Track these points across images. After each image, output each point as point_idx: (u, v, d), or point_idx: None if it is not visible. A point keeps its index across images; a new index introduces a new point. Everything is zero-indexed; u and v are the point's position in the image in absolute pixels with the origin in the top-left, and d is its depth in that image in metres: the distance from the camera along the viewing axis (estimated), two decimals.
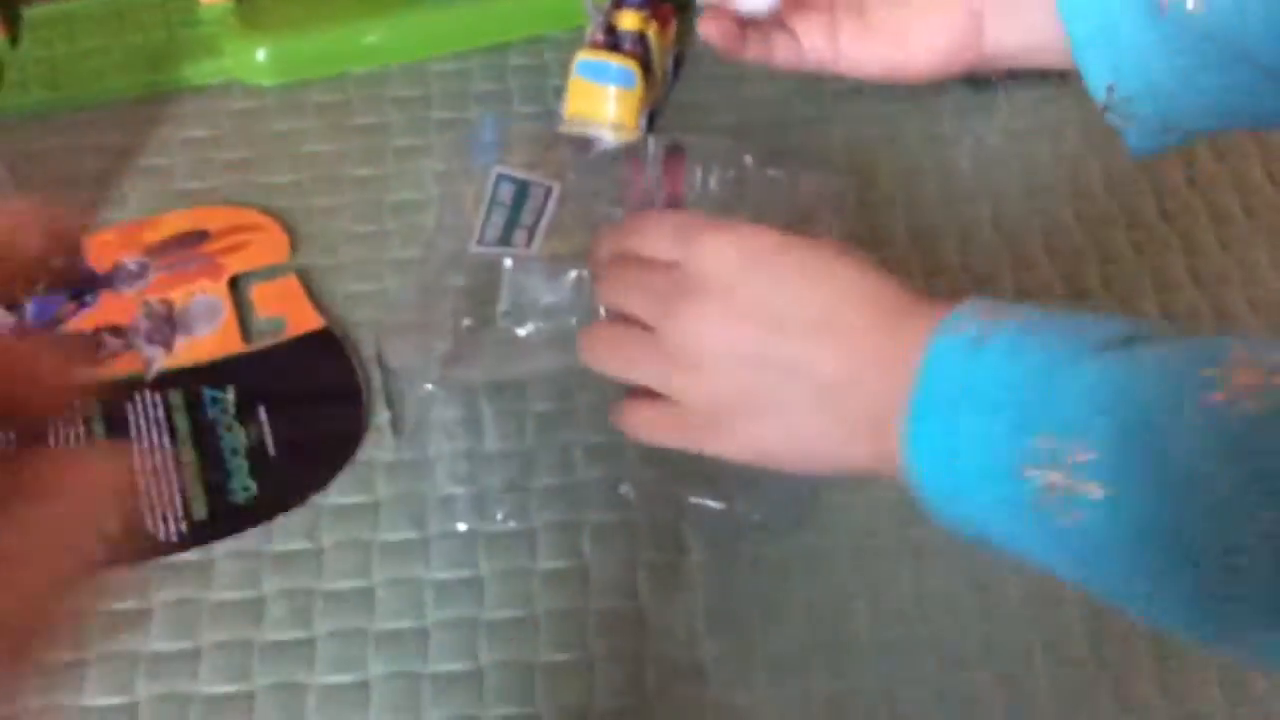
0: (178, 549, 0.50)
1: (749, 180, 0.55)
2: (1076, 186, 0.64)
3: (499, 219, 0.52)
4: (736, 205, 0.54)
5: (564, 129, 0.65)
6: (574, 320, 0.49)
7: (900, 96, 0.68)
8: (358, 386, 0.54)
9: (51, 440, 0.50)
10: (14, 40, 0.67)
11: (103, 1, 0.68)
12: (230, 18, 0.67)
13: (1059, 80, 0.67)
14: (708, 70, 0.69)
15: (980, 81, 0.67)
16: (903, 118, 0.67)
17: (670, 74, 0.68)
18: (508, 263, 0.51)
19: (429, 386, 0.50)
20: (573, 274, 0.50)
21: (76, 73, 0.66)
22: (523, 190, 0.54)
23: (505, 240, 0.52)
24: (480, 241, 0.52)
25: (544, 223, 0.52)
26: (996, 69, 0.66)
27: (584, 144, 0.60)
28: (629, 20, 0.64)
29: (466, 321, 0.50)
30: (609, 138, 0.64)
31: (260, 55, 0.67)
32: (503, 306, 0.50)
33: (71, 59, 0.66)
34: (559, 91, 0.66)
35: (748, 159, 0.55)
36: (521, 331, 0.50)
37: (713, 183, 0.54)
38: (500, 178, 0.54)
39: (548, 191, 0.54)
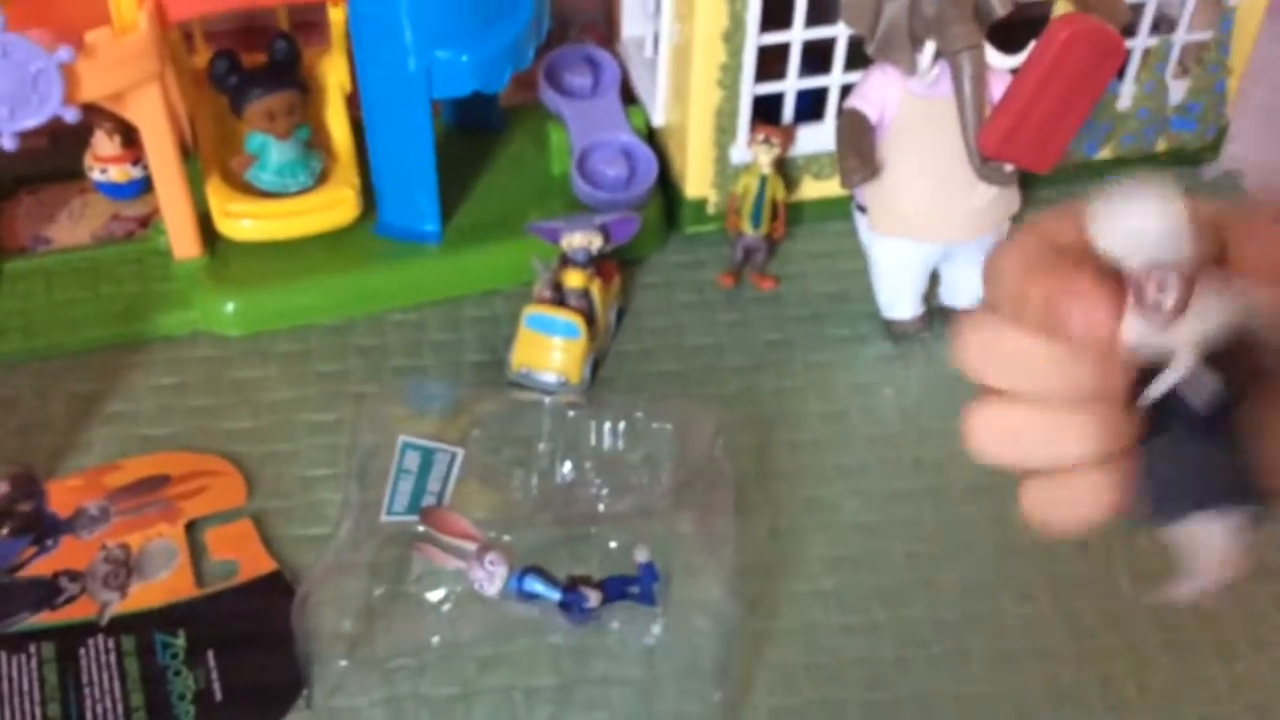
0: None
1: (640, 432, 0.59)
2: None
3: (406, 487, 0.56)
4: (629, 451, 0.58)
5: (511, 377, 0.69)
6: (482, 585, 0.52)
7: (826, 347, 0.73)
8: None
9: (5, 687, 0.52)
10: None
11: (80, 256, 0.73)
12: (201, 273, 0.72)
13: None
14: (649, 322, 0.74)
15: (899, 335, 0.73)
16: (828, 368, 0.72)
17: (613, 325, 0.73)
18: (419, 529, 0.54)
19: (342, 663, 0.52)
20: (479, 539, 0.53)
21: (52, 323, 0.70)
22: (428, 458, 0.58)
23: (413, 509, 0.56)
24: (389, 512, 0.55)
25: (450, 488, 0.56)
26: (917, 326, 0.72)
27: (491, 407, 0.64)
28: (574, 278, 0.69)
29: (378, 591, 0.53)
30: (553, 386, 0.68)
31: (228, 308, 0.71)
32: (413, 574, 0.53)
33: (48, 310, 0.70)
34: (509, 341, 0.70)
35: (638, 414, 0.60)
36: (433, 597, 0.52)
37: (607, 436, 0.59)
38: (406, 446, 0.58)
39: (452, 457, 0.58)
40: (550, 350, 0.68)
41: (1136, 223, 0.24)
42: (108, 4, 0.63)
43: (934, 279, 0.73)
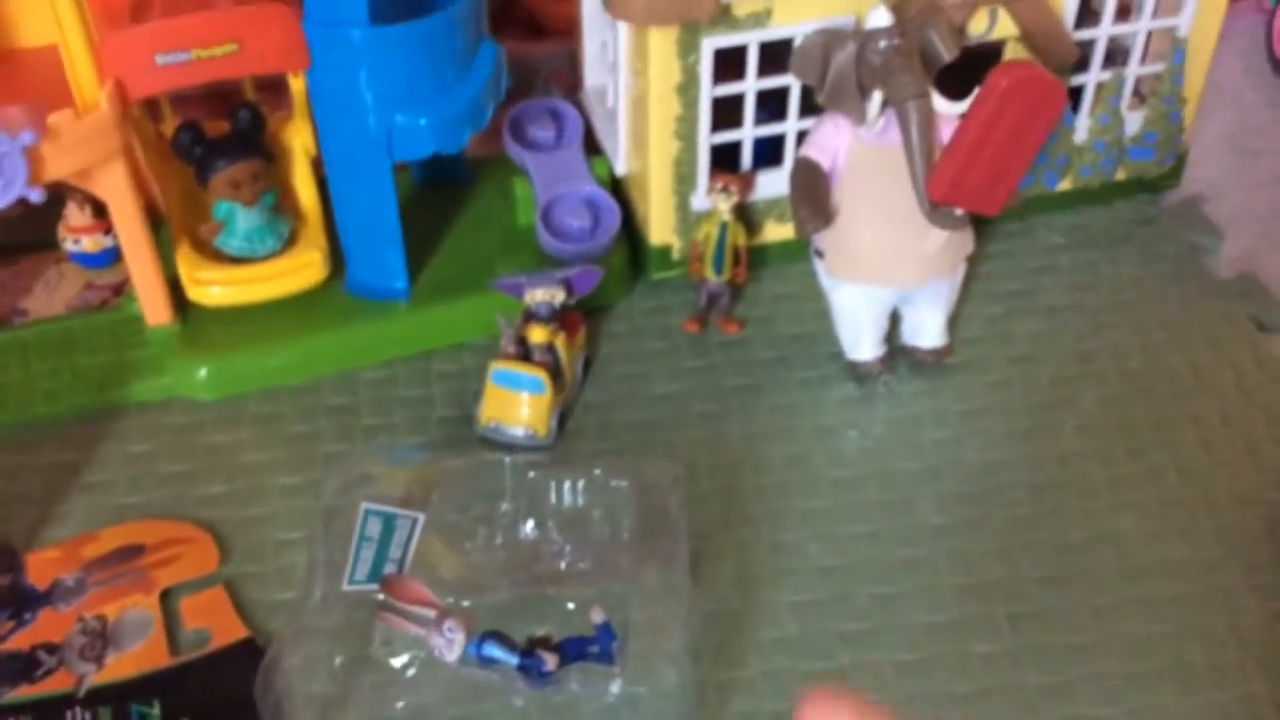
0: None
1: (599, 489, 0.60)
2: (953, 467, 0.70)
3: (368, 555, 0.58)
4: (590, 508, 0.60)
5: (480, 431, 0.70)
6: (441, 652, 0.53)
7: (791, 390, 0.74)
8: None
9: None
10: None
11: (56, 327, 0.74)
12: (173, 339, 0.73)
13: (935, 373, 0.74)
14: (615, 371, 0.75)
15: (862, 376, 0.74)
16: (793, 410, 0.73)
17: (580, 375, 0.74)
18: (380, 598, 0.55)
19: None
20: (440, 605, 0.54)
21: (29, 395, 0.71)
22: (389, 523, 0.59)
23: (375, 576, 0.57)
24: (351, 580, 0.57)
25: (410, 554, 0.57)
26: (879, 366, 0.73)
27: (456, 465, 0.65)
28: (538, 334, 0.70)
29: (340, 659, 0.54)
30: (522, 439, 0.69)
31: (201, 373, 0.72)
32: (377, 640, 0.55)
33: (25, 382, 0.72)
34: (478, 395, 0.71)
35: (597, 471, 0.61)
36: (397, 662, 0.54)
37: (568, 493, 0.60)
38: (368, 512, 0.59)
39: (413, 523, 0.59)
40: (517, 405, 0.70)
41: None
42: (69, 84, 0.64)
43: (896, 319, 0.74)
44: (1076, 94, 0.80)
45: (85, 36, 0.63)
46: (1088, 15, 0.77)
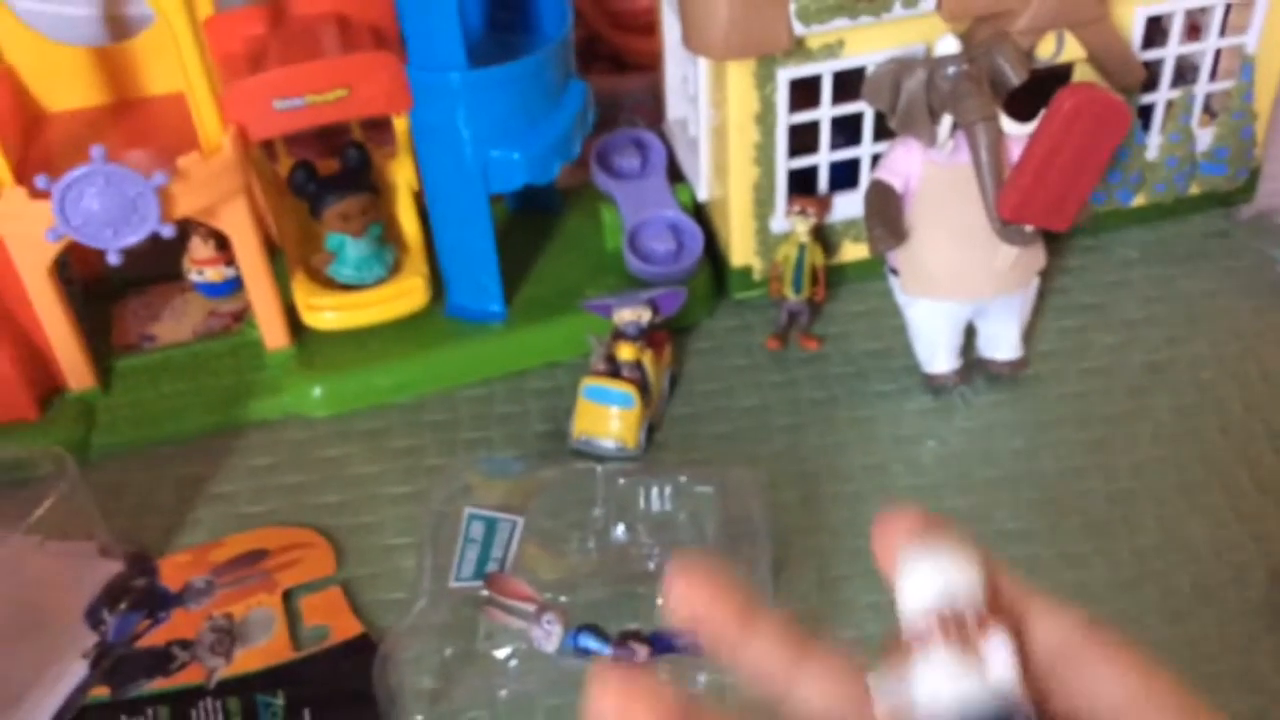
0: None
1: (685, 495, 0.64)
2: (1031, 475, 0.72)
3: (472, 555, 0.62)
4: (677, 512, 0.63)
5: (572, 444, 0.74)
6: (540, 643, 0.56)
7: (869, 403, 0.77)
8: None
9: None
10: (106, 388, 0.78)
11: (183, 351, 0.80)
12: (290, 361, 0.79)
13: (1010, 384, 0.76)
14: (700, 387, 0.79)
15: (938, 388, 0.77)
16: (871, 422, 0.76)
17: (667, 390, 0.78)
18: (484, 594, 0.60)
19: (421, 712, 0.58)
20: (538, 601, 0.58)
21: (159, 414, 0.77)
22: (491, 526, 0.64)
23: (479, 574, 0.61)
24: (457, 578, 0.61)
25: (512, 554, 0.62)
26: (953, 377, 0.75)
27: (551, 475, 0.69)
28: (626, 351, 0.74)
29: (448, 651, 0.59)
30: (612, 451, 0.73)
31: (316, 392, 0.78)
32: (482, 633, 0.59)
33: (155, 402, 0.78)
34: (570, 411, 0.76)
35: (682, 478, 0.65)
36: (500, 654, 0.58)
37: (655, 499, 0.64)
38: (471, 516, 0.64)
39: (513, 526, 0.63)
40: (608, 419, 0.74)
41: (942, 577, 0.25)
42: (195, 129, 0.70)
43: (972, 333, 0.77)
44: (1147, 112, 0.82)
45: (209, 85, 0.69)
46: (1157, 34, 0.79)
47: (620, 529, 0.65)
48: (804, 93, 0.76)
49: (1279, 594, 0.65)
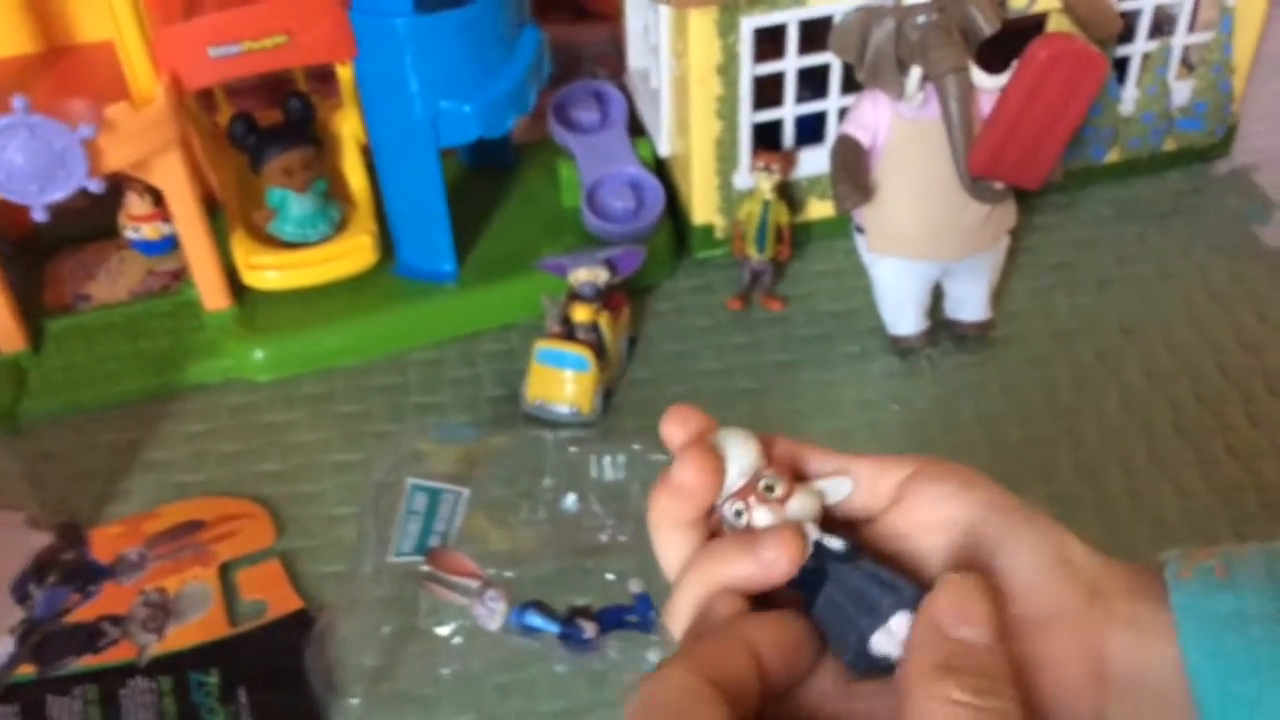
0: None
1: (637, 463, 0.62)
2: (995, 443, 0.70)
3: (414, 528, 0.59)
4: (630, 482, 0.61)
5: (526, 409, 0.72)
6: (483, 621, 0.54)
7: (833, 365, 0.75)
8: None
9: None
10: (37, 350, 0.75)
11: (118, 312, 0.77)
12: (231, 323, 0.75)
13: (978, 346, 0.74)
14: (659, 349, 0.76)
15: (904, 350, 0.74)
16: (836, 385, 0.74)
17: (625, 353, 0.75)
18: (424, 569, 0.57)
19: (354, 701, 0.55)
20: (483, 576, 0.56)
21: (93, 378, 0.74)
22: (434, 498, 0.61)
23: (421, 548, 0.59)
24: (397, 553, 0.58)
25: (456, 527, 0.59)
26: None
27: (501, 442, 0.66)
28: (581, 313, 0.72)
29: (388, 628, 0.56)
30: (567, 416, 0.71)
31: (257, 355, 0.75)
32: (423, 609, 0.56)
33: (89, 365, 0.74)
34: (523, 374, 0.73)
35: (636, 446, 0.62)
36: (442, 632, 0.55)
37: (608, 468, 0.61)
38: (414, 487, 0.61)
39: (458, 497, 0.61)
40: (562, 383, 0.71)
41: (734, 454, 0.34)
42: (125, 78, 0.66)
43: (939, 294, 0.74)
44: (1122, 64, 0.79)
45: (140, 31, 0.65)
46: None
47: (571, 499, 0.62)
48: (769, 43, 0.73)
49: None
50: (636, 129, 0.83)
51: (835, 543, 0.32)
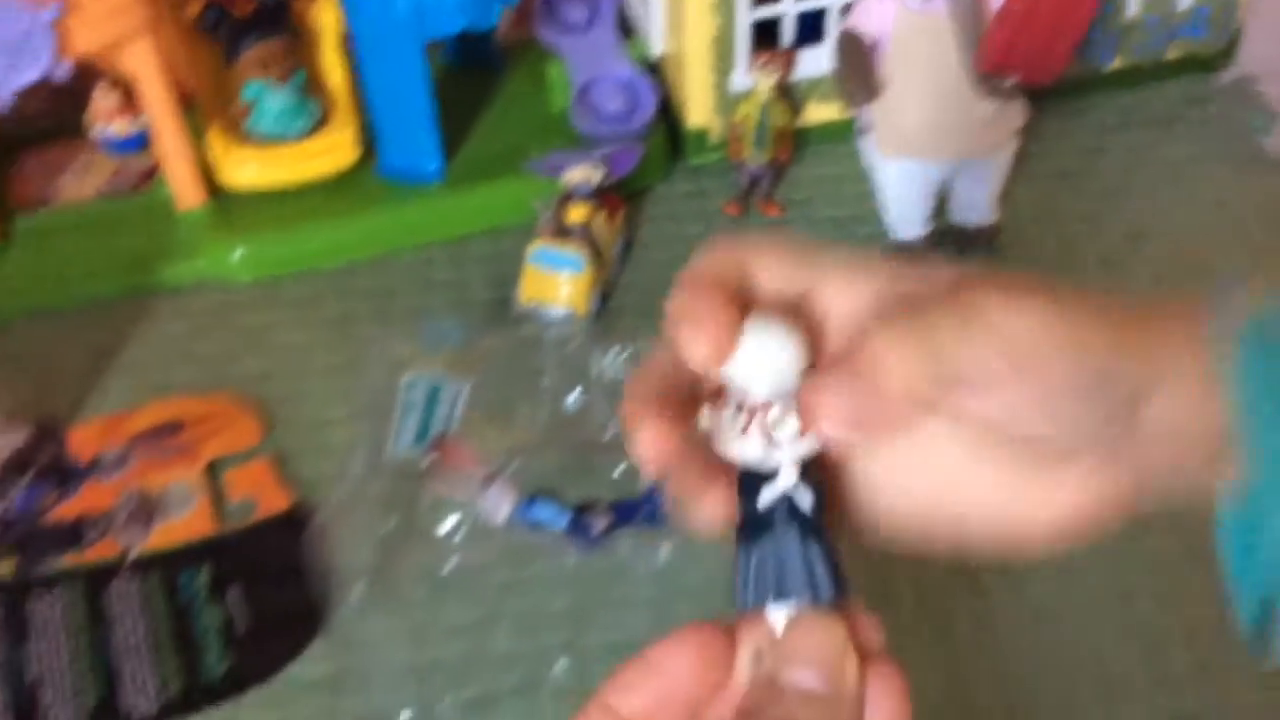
0: None
1: (643, 358, 0.59)
2: None
3: (412, 422, 0.57)
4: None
5: (519, 312, 0.69)
6: (489, 514, 0.52)
7: None
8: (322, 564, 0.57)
9: (35, 627, 0.53)
10: (5, 247, 0.71)
11: (88, 211, 0.73)
12: (206, 222, 0.72)
13: (982, 253, 0.72)
14: (653, 255, 0.74)
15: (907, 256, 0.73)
16: None
17: (619, 257, 0.73)
18: (423, 465, 0.55)
19: (359, 590, 0.53)
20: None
21: (64, 277, 0.70)
22: (433, 393, 0.58)
23: (420, 441, 0.56)
24: (397, 446, 0.56)
25: (455, 421, 0.57)
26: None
27: (496, 343, 0.64)
28: (576, 213, 0.69)
29: (391, 522, 0.54)
30: (561, 319, 0.68)
31: (236, 254, 0.71)
32: (424, 505, 0.54)
33: (59, 264, 0.71)
34: (515, 278, 0.70)
35: (637, 342, 0.60)
36: (443, 527, 0.53)
37: (610, 364, 0.59)
38: (411, 381, 0.58)
39: (458, 391, 0.58)
40: (556, 284, 0.69)
41: (766, 357, 0.27)
42: None
43: (943, 200, 0.73)
44: None
45: None
46: None
47: (573, 398, 0.60)
48: None
49: None
50: (628, 28, 0.80)
51: (805, 501, 0.28)
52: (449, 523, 0.54)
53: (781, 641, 0.28)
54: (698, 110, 0.76)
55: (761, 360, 0.28)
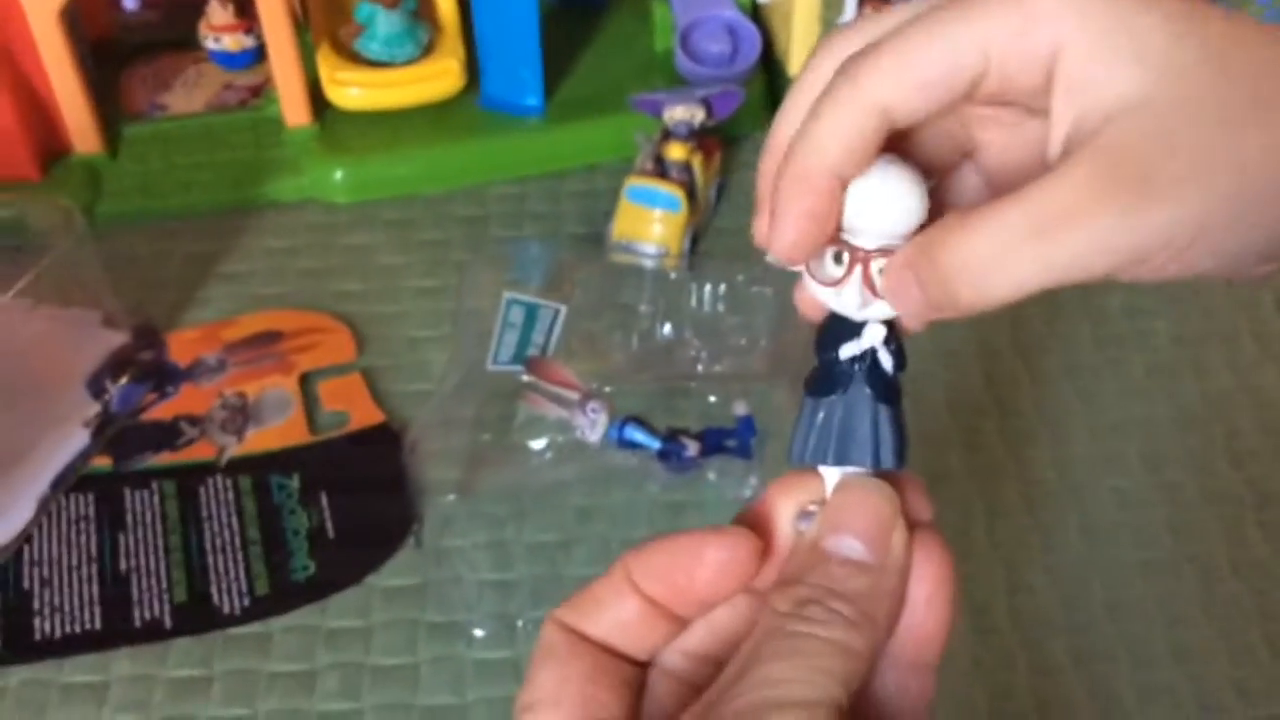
0: (240, 622, 0.54)
1: (740, 296, 0.59)
2: (1254, 396, 0.63)
3: (511, 339, 0.57)
4: (728, 315, 0.59)
5: (611, 248, 0.70)
6: (583, 432, 0.53)
7: None
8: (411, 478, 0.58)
9: (130, 519, 0.55)
10: (114, 154, 0.73)
11: (196, 122, 0.75)
12: (312, 141, 0.73)
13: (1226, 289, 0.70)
14: (748, 200, 0.74)
15: None
16: None
17: (713, 201, 0.73)
18: (524, 378, 0.55)
19: (450, 498, 0.54)
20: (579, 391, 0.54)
21: (169, 186, 0.72)
22: (532, 313, 0.59)
23: (518, 359, 0.57)
24: (494, 362, 0.57)
25: (553, 342, 0.57)
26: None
27: (592, 271, 0.64)
28: (676, 151, 0.69)
29: (485, 437, 0.54)
30: (653, 257, 0.69)
31: (338, 176, 0.72)
32: (517, 422, 0.55)
33: (165, 173, 0.72)
34: (608, 215, 0.71)
35: (739, 278, 0.60)
36: (535, 444, 0.54)
37: (707, 297, 0.59)
38: (511, 301, 0.59)
39: (555, 313, 0.59)
40: (650, 222, 0.69)
41: (879, 204, 0.26)
42: None
43: None
44: None
45: None
46: None
47: (667, 329, 0.60)
48: None
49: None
50: None
51: (887, 363, 0.27)
52: (540, 442, 0.55)
53: (831, 505, 0.27)
54: (801, 58, 0.76)
55: (873, 206, 0.26)
